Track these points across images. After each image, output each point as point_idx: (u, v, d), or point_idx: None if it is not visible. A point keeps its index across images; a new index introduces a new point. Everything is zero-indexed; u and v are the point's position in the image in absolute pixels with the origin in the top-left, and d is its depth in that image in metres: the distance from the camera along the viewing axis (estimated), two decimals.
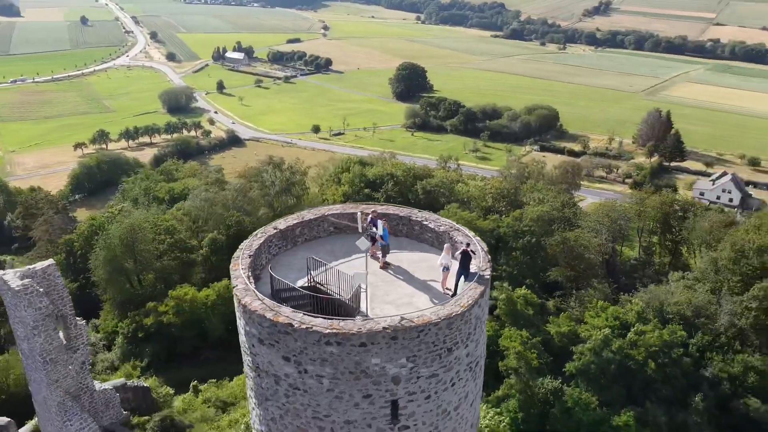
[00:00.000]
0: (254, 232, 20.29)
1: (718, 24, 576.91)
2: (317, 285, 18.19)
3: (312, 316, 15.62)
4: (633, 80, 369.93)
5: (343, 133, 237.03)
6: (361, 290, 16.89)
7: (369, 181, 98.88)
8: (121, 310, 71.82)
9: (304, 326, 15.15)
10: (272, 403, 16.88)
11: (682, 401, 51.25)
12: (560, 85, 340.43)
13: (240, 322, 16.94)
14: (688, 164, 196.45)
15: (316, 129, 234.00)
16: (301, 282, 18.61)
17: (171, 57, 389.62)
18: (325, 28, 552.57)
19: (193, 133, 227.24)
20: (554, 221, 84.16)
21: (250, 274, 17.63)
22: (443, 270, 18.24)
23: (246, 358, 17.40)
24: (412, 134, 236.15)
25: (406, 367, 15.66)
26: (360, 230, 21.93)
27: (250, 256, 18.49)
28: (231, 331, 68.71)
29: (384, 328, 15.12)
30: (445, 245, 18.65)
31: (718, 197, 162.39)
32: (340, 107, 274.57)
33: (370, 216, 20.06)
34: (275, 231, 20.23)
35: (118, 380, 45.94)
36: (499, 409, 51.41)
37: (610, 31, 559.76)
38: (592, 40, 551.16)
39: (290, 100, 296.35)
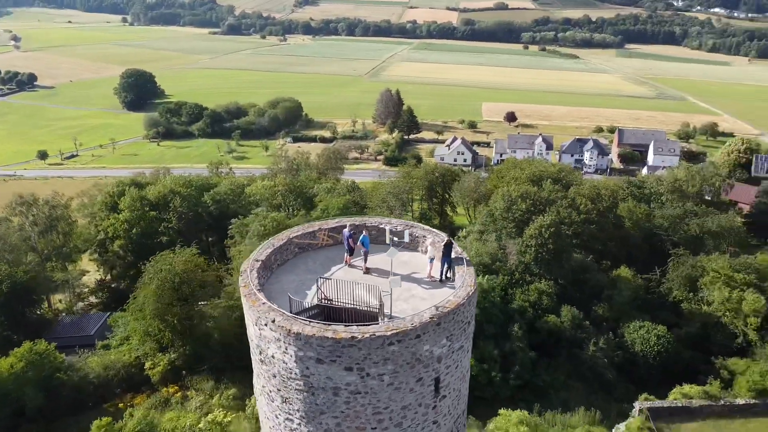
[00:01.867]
0: (241, 269, 20.65)
1: (411, 7, 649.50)
2: (329, 300, 19.77)
3: (368, 326, 17.50)
4: (355, 65, 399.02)
5: (77, 155, 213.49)
6: (384, 294, 19.14)
7: (152, 203, 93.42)
8: None
9: (367, 335, 16.98)
10: (328, 415, 18.21)
11: (504, 333, 61.44)
12: (292, 76, 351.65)
13: (287, 351, 17.68)
14: (424, 135, 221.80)
15: (43, 155, 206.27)
16: (308, 300, 19.98)
17: None
18: (16, 38, 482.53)
19: None
20: (348, 206, 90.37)
21: (276, 305, 18.43)
22: (430, 261, 21.33)
23: (291, 384, 18.21)
24: (158, 144, 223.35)
25: (446, 346, 18.52)
26: (319, 245, 23.79)
27: (260, 290, 19.14)
28: (50, 396, 60.96)
29: (430, 317, 17.79)
30: (429, 240, 21.73)
31: (455, 159, 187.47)
32: (63, 126, 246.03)
33: (347, 230, 22.07)
34: (259, 263, 20.89)
35: None
36: None
37: (323, 19, 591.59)
38: (308, 29, 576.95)
39: None
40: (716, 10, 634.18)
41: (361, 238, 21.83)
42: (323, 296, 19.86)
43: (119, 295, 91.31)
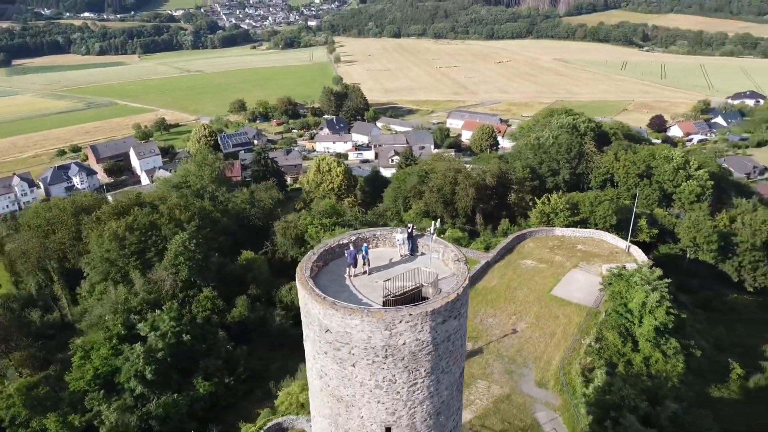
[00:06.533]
0: (337, 305, 24.28)
1: None
2: (392, 294, 26.34)
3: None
4: None
5: None
6: (426, 270, 27.29)
7: None
8: None
9: (461, 289, 25.48)
10: (444, 359, 25.72)
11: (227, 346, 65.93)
12: None
13: (423, 328, 24.03)
14: None
15: None
16: (373, 301, 26.18)
17: None
18: None
19: None
20: None
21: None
22: (401, 244, 29.81)
23: (420, 354, 24.36)
24: None
25: (468, 283, 28.42)
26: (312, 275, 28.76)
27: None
28: None
29: (466, 267, 27.40)
30: (403, 231, 29.77)
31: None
32: None
33: (352, 249, 27.79)
34: (325, 298, 24.99)
35: None
36: None
37: None
38: None
39: None
40: (86, 14, 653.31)
41: (363, 248, 28.51)
42: (388, 292, 26.50)
43: None
